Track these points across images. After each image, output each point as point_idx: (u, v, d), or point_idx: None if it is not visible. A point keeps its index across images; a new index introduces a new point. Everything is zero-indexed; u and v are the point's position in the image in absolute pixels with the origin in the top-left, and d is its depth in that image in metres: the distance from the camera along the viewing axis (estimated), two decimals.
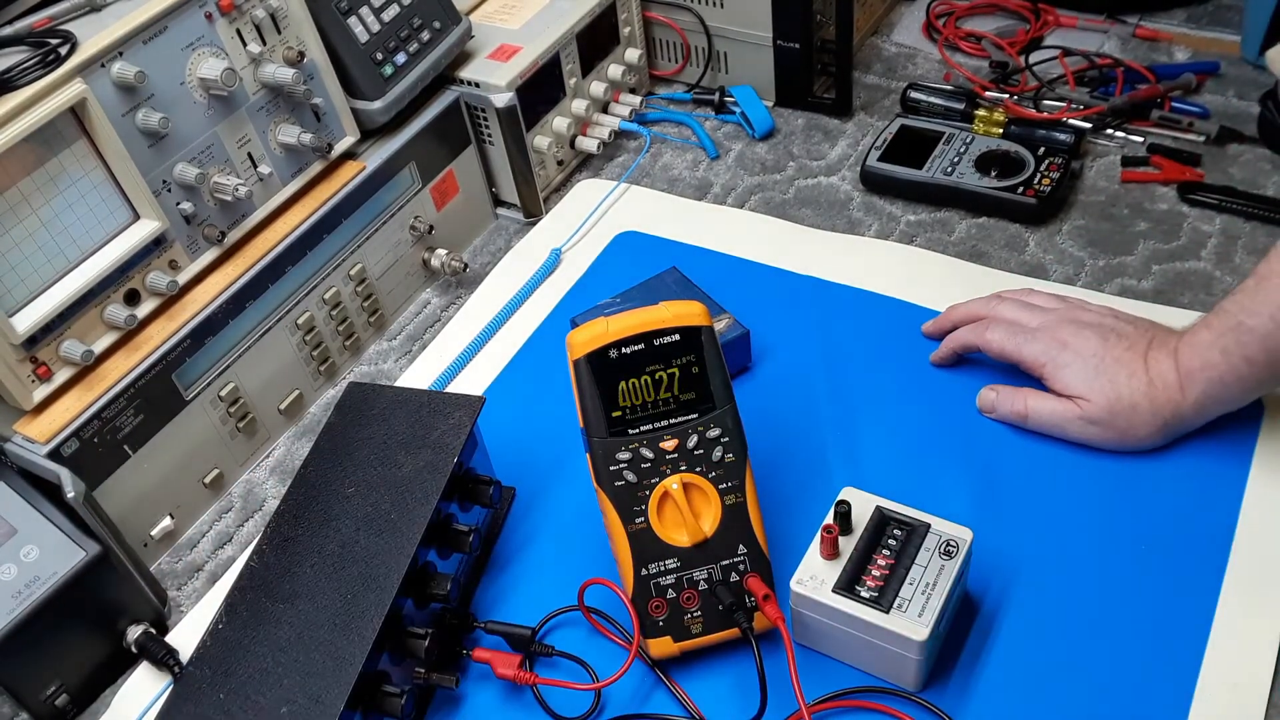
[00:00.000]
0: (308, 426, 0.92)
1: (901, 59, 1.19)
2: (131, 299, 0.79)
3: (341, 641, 0.63)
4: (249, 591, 0.67)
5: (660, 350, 0.68)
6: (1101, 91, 1.08)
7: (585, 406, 0.68)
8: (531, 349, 0.93)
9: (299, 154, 0.88)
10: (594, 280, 0.97)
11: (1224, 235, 0.93)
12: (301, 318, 0.90)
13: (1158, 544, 0.71)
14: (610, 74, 1.12)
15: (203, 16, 0.80)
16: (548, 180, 1.08)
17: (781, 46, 1.10)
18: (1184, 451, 0.75)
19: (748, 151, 1.10)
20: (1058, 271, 0.92)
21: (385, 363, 0.96)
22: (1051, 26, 1.18)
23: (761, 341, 0.87)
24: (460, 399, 0.75)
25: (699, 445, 0.68)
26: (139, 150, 0.77)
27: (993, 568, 0.71)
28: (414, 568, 0.66)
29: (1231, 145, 1.00)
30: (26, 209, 0.72)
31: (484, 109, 1.00)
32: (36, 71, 0.71)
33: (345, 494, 0.71)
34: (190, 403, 0.82)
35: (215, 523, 0.86)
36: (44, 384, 0.75)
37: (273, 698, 0.61)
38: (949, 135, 1.03)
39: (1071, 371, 0.75)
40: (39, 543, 0.70)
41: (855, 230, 1.00)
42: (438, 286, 1.03)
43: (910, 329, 0.87)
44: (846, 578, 0.65)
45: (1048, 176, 0.96)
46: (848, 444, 0.80)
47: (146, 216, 0.78)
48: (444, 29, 0.97)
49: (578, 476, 0.71)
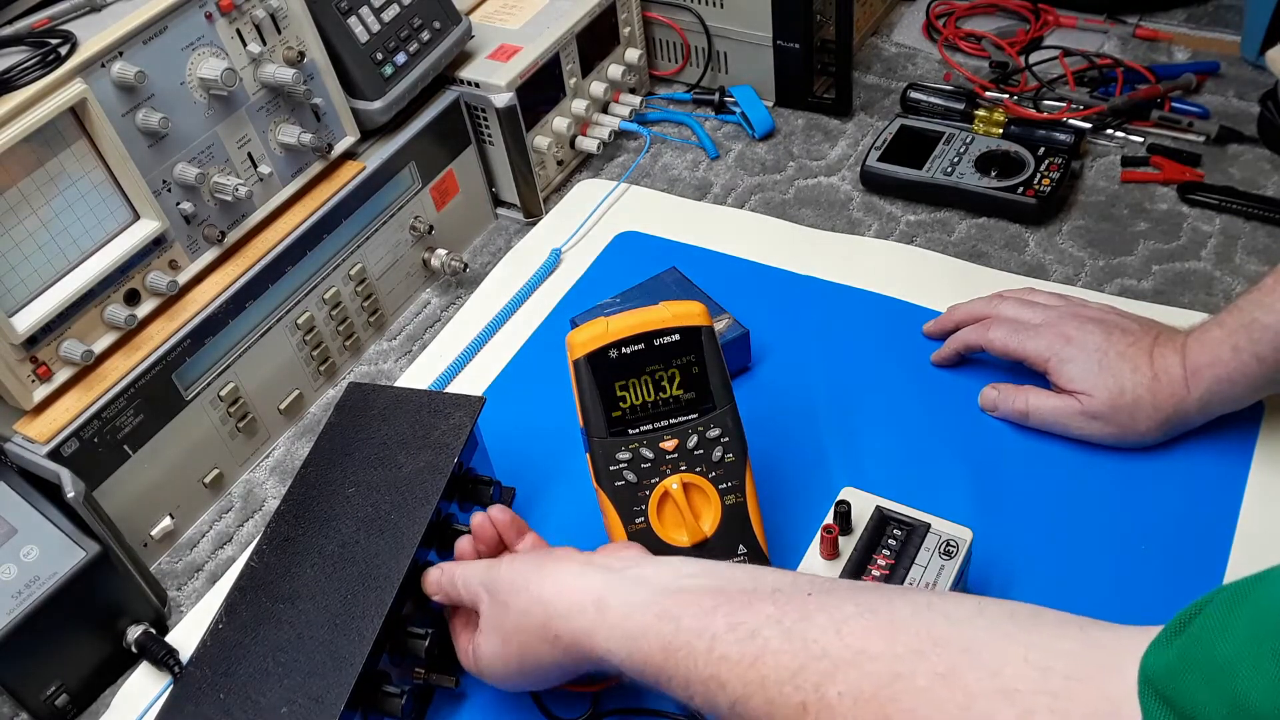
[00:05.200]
0: (308, 426, 0.92)
1: (901, 59, 1.19)
2: (131, 299, 0.79)
3: (341, 641, 0.63)
4: (249, 591, 0.67)
5: (660, 350, 0.68)
6: (1101, 91, 1.08)
7: (585, 406, 0.68)
8: (531, 349, 0.93)
9: (299, 154, 0.88)
10: (594, 280, 0.97)
11: (1224, 235, 0.93)
12: (301, 318, 0.90)
13: (1158, 544, 0.71)
14: (610, 74, 1.12)
15: (203, 16, 0.79)
16: (548, 180, 1.08)
17: (781, 46, 1.10)
18: (1184, 451, 0.75)
19: (748, 151, 1.10)
20: (1058, 272, 0.92)
21: (385, 363, 0.96)
22: (1051, 26, 1.18)
23: (761, 341, 0.87)
24: (460, 399, 0.75)
25: (699, 445, 0.68)
26: (139, 150, 0.77)
27: (993, 568, 0.71)
28: (414, 568, 0.66)
29: (1231, 145, 1.00)
30: (26, 209, 0.72)
31: (484, 109, 1.00)
32: (36, 71, 0.71)
33: (345, 494, 0.71)
34: (190, 403, 0.82)
35: (215, 523, 0.86)
36: (44, 384, 0.75)
37: (273, 698, 0.61)
38: (949, 135, 1.03)
39: (1075, 366, 0.75)
40: (39, 543, 0.70)
41: (855, 230, 1.00)
42: (438, 286, 1.03)
43: (910, 329, 0.87)
44: (847, 577, 0.65)
45: (1048, 176, 0.96)
46: (848, 444, 0.80)
47: (146, 216, 0.78)
48: (444, 29, 0.97)
49: (578, 476, 0.71)
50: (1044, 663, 0.41)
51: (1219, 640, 0.36)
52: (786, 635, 0.48)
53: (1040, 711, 0.40)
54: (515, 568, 0.61)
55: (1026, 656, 0.42)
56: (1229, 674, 0.34)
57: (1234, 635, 0.35)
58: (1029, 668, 0.41)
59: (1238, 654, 0.35)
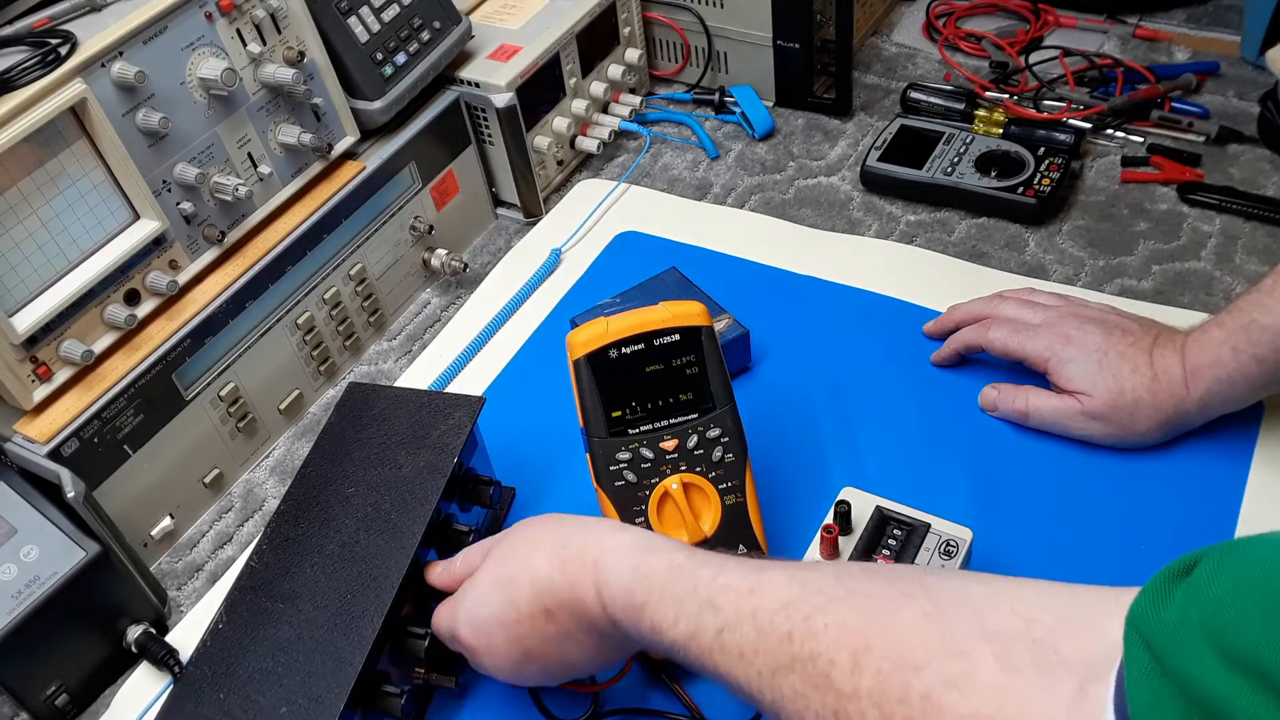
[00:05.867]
0: (308, 426, 0.92)
1: (901, 59, 1.19)
2: (131, 299, 0.79)
3: (341, 641, 0.63)
4: (249, 591, 0.67)
5: (660, 350, 0.68)
6: (1101, 91, 1.08)
7: (585, 406, 0.68)
8: (531, 349, 0.93)
9: (299, 154, 0.88)
10: (594, 280, 0.97)
11: (1224, 235, 0.93)
12: (301, 318, 0.90)
13: (1158, 544, 0.71)
14: (610, 74, 1.12)
15: (203, 16, 0.80)
16: (548, 180, 1.08)
17: (781, 46, 1.10)
18: (1184, 451, 0.75)
19: (748, 151, 1.10)
20: (1058, 272, 0.92)
21: (385, 363, 0.96)
22: (1051, 26, 1.18)
23: (761, 341, 0.87)
24: (460, 399, 0.75)
25: (699, 445, 0.68)
26: (139, 150, 0.77)
27: (993, 568, 0.71)
28: (414, 568, 0.66)
29: (1231, 145, 1.00)
30: (26, 209, 0.72)
31: (484, 109, 1.00)
32: (36, 71, 0.71)
33: (345, 494, 0.71)
34: (190, 403, 0.82)
35: (215, 523, 0.86)
36: (44, 384, 0.75)
37: (273, 698, 0.61)
38: (949, 135, 1.03)
39: (1075, 366, 0.75)
40: (39, 543, 0.70)
41: (855, 230, 1.00)
42: (438, 286, 1.03)
43: (910, 329, 0.87)
44: None
45: (1048, 176, 0.96)
46: (848, 444, 0.80)
47: (146, 216, 0.78)
48: (444, 29, 0.97)
49: (578, 476, 0.71)
50: (1029, 614, 0.43)
51: (1210, 589, 0.36)
52: (789, 576, 0.50)
53: (1019, 653, 0.41)
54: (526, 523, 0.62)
55: (1014, 608, 0.43)
56: (1216, 621, 0.35)
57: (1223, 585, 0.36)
58: (1014, 617, 0.43)
59: (1225, 602, 0.35)
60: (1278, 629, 0.33)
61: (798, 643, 0.46)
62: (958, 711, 0.41)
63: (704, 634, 0.50)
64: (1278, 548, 0.35)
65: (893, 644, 0.44)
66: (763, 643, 0.48)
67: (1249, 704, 0.32)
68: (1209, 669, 0.34)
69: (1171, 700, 0.35)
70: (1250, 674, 0.33)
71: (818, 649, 0.45)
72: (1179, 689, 0.35)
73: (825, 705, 0.45)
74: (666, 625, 0.51)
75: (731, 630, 0.49)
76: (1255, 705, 0.32)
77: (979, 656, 0.42)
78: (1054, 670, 0.40)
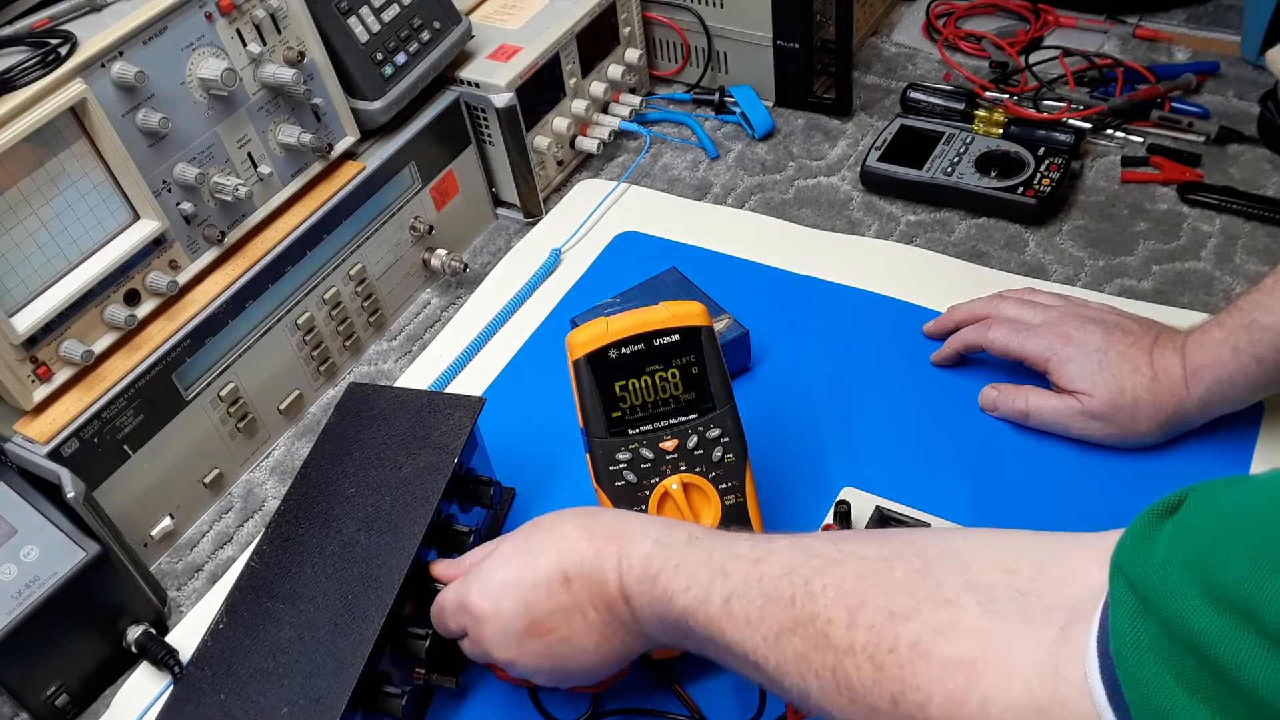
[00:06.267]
0: (308, 426, 0.92)
1: (901, 59, 1.19)
2: (131, 299, 0.79)
3: (342, 642, 0.63)
4: (249, 592, 0.67)
5: (660, 350, 0.68)
6: (1101, 91, 1.08)
7: (585, 406, 0.68)
8: (531, 349, 0.93)
9: (299, 154, 0.88)
10: (594, 280, 0.97)
11: (1224, 235, 0.93)
12: (301, 318, 0.90)
13: None
14: (610, 74, 1.12)
15: (203, 16, 0.80)
16: (548, 180, 1.08)
17: (781, 46, 1.10)
18: (1184, 451, 0.75)
19: (748, 152, 1.10)
20: (1058, 272, 0.92)
21: (385, 363, 0.96)
22: (1051, 26, 1.18)
23: (761, 341, 0.87)
24: (460, 399, 0.75)
25: (699, 445, 0.68)
26: (139, 150, 0.77)
27: None
28: (415, 568, 0.66)
29: (1231, 145, 1.00)
30: (26, 209, 0.72)
31: (484, 109, 1.00)
32: (36, 71, 0.71)
33: (346, 494, 0.71)
34: (190, 403, 0.82)
35: (215, 523, 0.86)
36: (44, 384, 0.75)
37: (273, 698, 0.61)
38: (949, 135, 1.03)
39: (1075, 366, 0.75)
40: (39, 543, 0.70)
41: (855, 230, 1.00)
42: (438, 286, 1.03)
43: (910, 329, 0.87)
44: None
45: (1048, 177, 0.96)
46: (848, 444, 0.80)
47: (146, 216, 0.78)
48: (444, 29, 0.97)
49: (578, 476, 0.71)
50: (1012, 566, 0.45)
51: (1198, 528, 0.37)
52: (791, 544, 0.53)
53: (1003, 600, 0.44)
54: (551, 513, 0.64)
55: (998, 559, 0.46)
56: (1205, 560, 0.35)
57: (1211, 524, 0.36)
58: (998, 569, 0.45)
59: (1214, 542, 0.35)
60: (1266, 568, 0.33)
61: (799, 605, 0.49)
62: (944, 656, 0.43)
63: (712, 602, 0.52)
64: (1267, 487, 0.36)
65: (884, 599, 0.46)
66: (768, 608, 0.50)
67: (1234, 642, 0.33)
68: (1196, 608, 0.34)
69: (1154, 639, 0.36)
70: (1236, 613, 0.33)
71: (816, 610, 0.48)
72: (1163, 628, 0.35)
73: (825, 664, 0.47)
74: (678, 591, 0.54)
75: (739, 598, 0.51)
76: (1240, 643, 0.33)
77: (964, 604, 0.44)
78: (1037, 615, 0.43)
